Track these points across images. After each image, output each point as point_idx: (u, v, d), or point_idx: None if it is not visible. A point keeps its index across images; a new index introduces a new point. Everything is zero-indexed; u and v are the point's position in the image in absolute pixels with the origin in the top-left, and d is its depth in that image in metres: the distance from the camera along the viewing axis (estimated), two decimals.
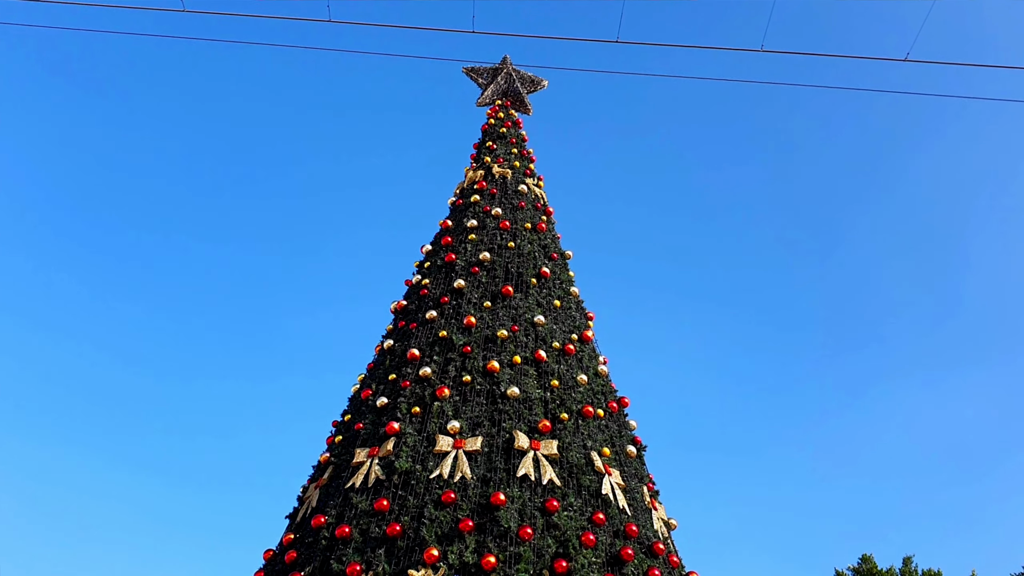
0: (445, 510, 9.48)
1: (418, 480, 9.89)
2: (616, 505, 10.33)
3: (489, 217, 14.50)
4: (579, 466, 10.43)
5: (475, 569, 8.87)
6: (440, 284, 13.33)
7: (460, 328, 12.11)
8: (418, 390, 11.24)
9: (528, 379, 11.38)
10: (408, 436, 10.51)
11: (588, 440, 10.98)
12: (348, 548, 9.37)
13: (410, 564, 8.94)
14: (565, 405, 11.24)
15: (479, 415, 10.80)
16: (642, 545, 10.15)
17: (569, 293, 13.82)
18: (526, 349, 11.89)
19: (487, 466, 10.09)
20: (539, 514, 9.58)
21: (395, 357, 12.31)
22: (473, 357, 11.58)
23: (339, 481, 10.59)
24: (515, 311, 12.49)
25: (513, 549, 9.07)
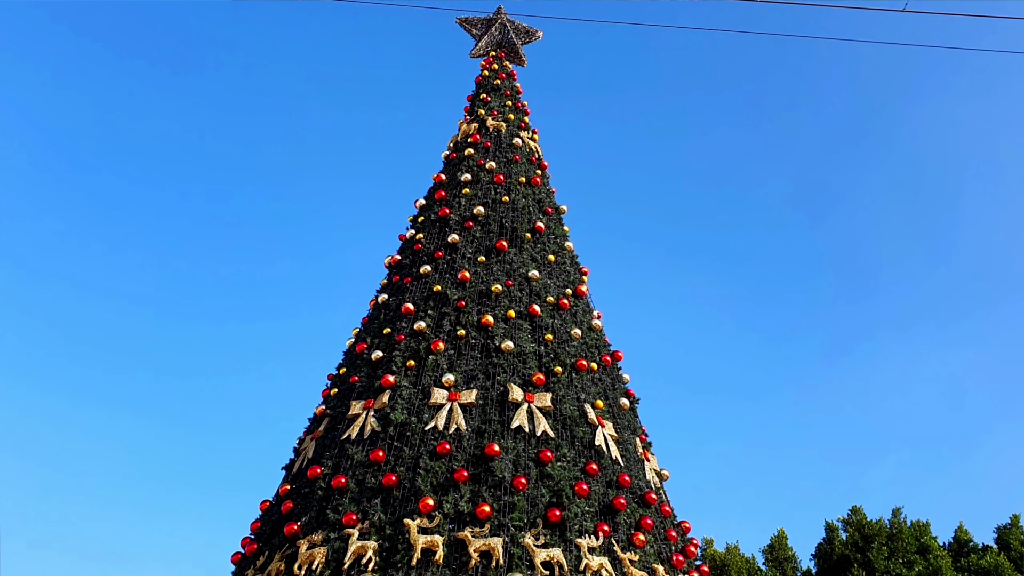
0: (440, 461, 9.60)
1: (413, 432, 9.99)
2: (609, 456, 10.47)
3: (483, 171, 14.43)
4: (573, 418, 10.55)
5: (470, 518, 9.01)
6: (434, 239, 13.32)
7: (454, 283, 12.13)
8: (413, 344, 11.30)
9: (522, 333, 11.44)
10: (403, 389, 10.59)
11: (582, 393, 11.09)
12: (344, 498, 9.50)
13: (406, 513, 9.08)
14: (559, 359, 11.32)
15: (473, 368, 10.87)
16: (634, 495, 10.31)
17: (563, 248, 13.82)
18: (520, 304, 11.93)
19: (482, 418, 10.19)
20: (533, 465, 9.71)
21: (390, 311, 12.35)
22: (467, 311, 11.62)
23: (335, 433, 10.69)
24: (509, 266, 12.50)
25: (507, 499, 9.21)
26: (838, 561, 18.90)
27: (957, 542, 19.96)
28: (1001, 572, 17.34)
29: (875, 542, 18.45)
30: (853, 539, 18.89)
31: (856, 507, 19.65)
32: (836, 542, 19.34)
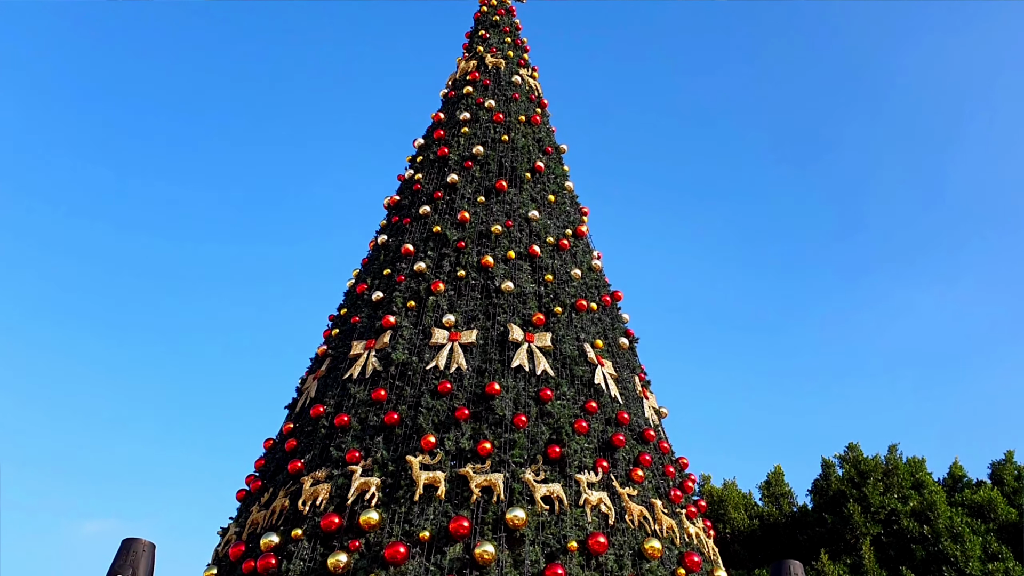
0: (441, 399, 9.70)
1: (414, 371, 10.08)
2: (608, 394, 10.58)
3: (482, 110, 14.27)
4: (572, 357, 10.62)
5: (471, 455, 9.15)
6: (433, 179, 13.24)
7: (454, 223, 12.10)
8: (413, 284, 11.32)
9: (522, 273, 11.45)
10: (404, 329, 10.65)
11: (581, 332, 11.15)
12: (347, 436, 9.64)
13: (408, 450, 9.21)
14: (559, 299, 11.35)
15: (474, 309, 10.91)
16: (633, 432, 10.45)
17: (563, 188, 13.74)
18: (520, 244, 11.91)
19: (482, 358, 10.27)
20: (533, 403, 9.82)
21: (389, 252, 12.34)
22: (467, 252, 11.61)
23: (337, 372, 10.79)
24: (509, 206, 12.45)
25: (508, 436, 9.34)
26: (834, 496, 19.22)
27: (952, 478, 20.28)
28: (994, 506, 17.65)
29: (871, 478, 18.74)
30: (849, 475, 19.18)
31: (853, 444, 19.92)
32: (832, 478, 19.66)
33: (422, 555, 8.28)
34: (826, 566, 16.94)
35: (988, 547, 16.22)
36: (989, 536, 16.59)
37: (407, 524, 8.56)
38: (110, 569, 5.50)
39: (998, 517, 17.46)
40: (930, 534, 16.71)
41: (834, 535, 18.71)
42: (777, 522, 20.78)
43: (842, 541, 18.55)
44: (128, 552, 5.58)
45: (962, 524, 16.61)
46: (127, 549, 5.60)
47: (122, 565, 5.49)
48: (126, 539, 5.69)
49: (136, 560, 5.53)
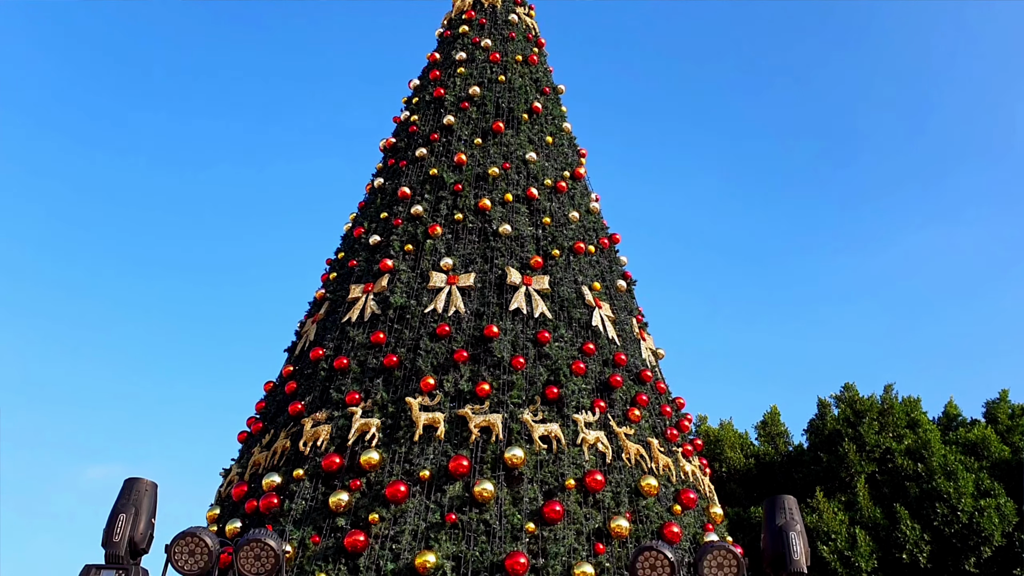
0: (440, 342, 9.76)
1: (413, 314, 10.12)
2: (606, 336, 10.64)
3: (478, 49, 14.05)
4: (570, 300, 10.66)
5: (470, 396, 9.25)
6: (429, 120, 13.10)
7: (451, 166, 12.01)
8: (410, 228, 11.29)
9: (520, 216, 11.41)
10: (402, 273, 10.66)
11: (579, 275, 11.16)
12: (347, 378, 9.72)
13: (407, 392, 9.31)
14: (556, 242, 11.33)
15: (471, 252, 10.90)
16: (630, 373, 10.54)
17: (561, 129, 13.61)
18: (518, 187, 11.85)
19: (480, 301, 10.30)
20: (531, 345, 9.88)
21: (386, 195, 12.28)
22: (464, 195, 11.55)
23: (335, 316, 10.83)
24: (506, 148, 12.34)
25: (506, 377, 9.42)
26: (829, 436, 19.47)
27: (946, 416, 20.54)
28: (987, 444, 17.91)
29: (866, 417, 18.96)
30: (845, 415, 19.40)
31: (849, 384, 20.12)
32: (828, 418, 19.89)
33: (422, 493, 8.43)
34: (821, 503, 17.25)
35: (981, 484, 16.49)
36: (982, 473, 16.86)
37: (407, 464, 8.69)
38: (113, 509, 5.60)
39: (991, 455, 17.72)
40: (924, 472, 16.98)
41: (829, 473, 19.02)
42: (773, 461, 21.10)
43: (837, 479, 18.87)
44: (131, 492, 5.67)
45: (956, 462, 16.86)
46: (129, 489, 5.70)
47: (125, 504, 5.58)
48: (128, 479, 5.78)
49: (139, 499, 5.62)
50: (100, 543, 5.52)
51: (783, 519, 5.99)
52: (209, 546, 5.47)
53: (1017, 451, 17.93)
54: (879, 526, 16.68)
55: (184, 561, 5.42)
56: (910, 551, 16.01)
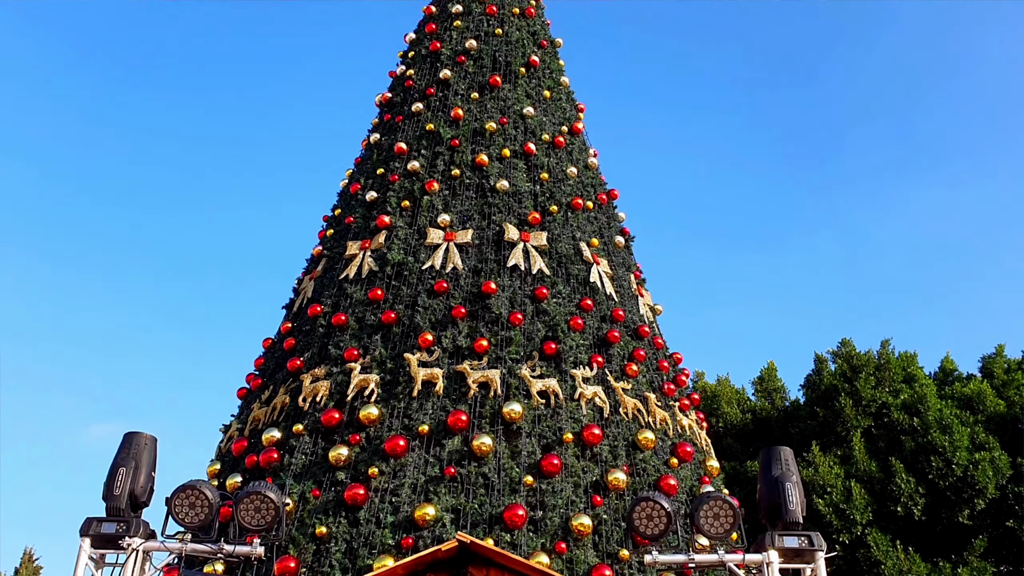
0: (438, 299, 9.76)
1: (410, 271, 10.10)
2: (603, 292, 10.64)
3: (475, 2, 13.81)
4: (568, 256, 10.63)
5: (468, 352, 9.27)
6: (425, 75, 12.93)
7: (447, 121, 11.89)
8: (407, 184, 11.21)
9: (517, 172, 11.33)
10: (399, 229, 10.61)
11: (577, 231, 11.12)
12: (345, 335, 9.73)
13: (406, 348, 9.32)
14: (554, 198, 11.27)
15: (469, 208, 10.85)
16: (628, 328, 10.55)
17: (559, 84, 13.45)
18: (515, 142, 11.74)
19: (478, 257, 10.27)
20: (529, 301, 9.88)
21: (382, 151, 12.18)
22: (461, 150, 11.45)
23: (333, 273, 10.81)
24: (503, 103, 12.21)
25: (504, 334, 9.44)
26: (826, 391, 19.56)
27: (943, 371, 20.61)
28: (983, 398, 18.00)
29: (863, 372, 19.02)
30: (841, 370, 19.46)
31: (846, 339, 20.12)
32: (825, 373, 19.96)
33: (421, 448, 8.50)
34: (817, 457, 17.40)
35: (976, 437, 16.62)
36: (977, 427, 16.98)
37: (406, 419, 8.75)
38: (113, 463, 5.63)
39: (986, 409, 17.82)
40: (920, 426, 17.09)
41: (825, 428, 19.14)
42: (769, 416, 21.22)
43: (833, 434, 19.00)
44: (130, 446, 5.70)
45: (951, 416, 16.96)
46: (129, 443, 5.73)
47: (125, 458, 5.61)
48: (128, 433, 5.81)
49: (139, 453, 5.65)
50: (101, 497, 5.57)
51: (779, 470, 6.04)
52: (209, 499, 5.52)
53: (1012, 405, 18.04)
54: (874, 479, 16.84)
55: (185, 514, 5.47)
56: (905, 504, 16.19)
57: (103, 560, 5.72)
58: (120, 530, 5.48)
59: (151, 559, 5.72)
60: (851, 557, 16.23)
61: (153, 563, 5.76)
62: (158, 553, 5.74)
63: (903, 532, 16.60)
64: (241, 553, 5.66)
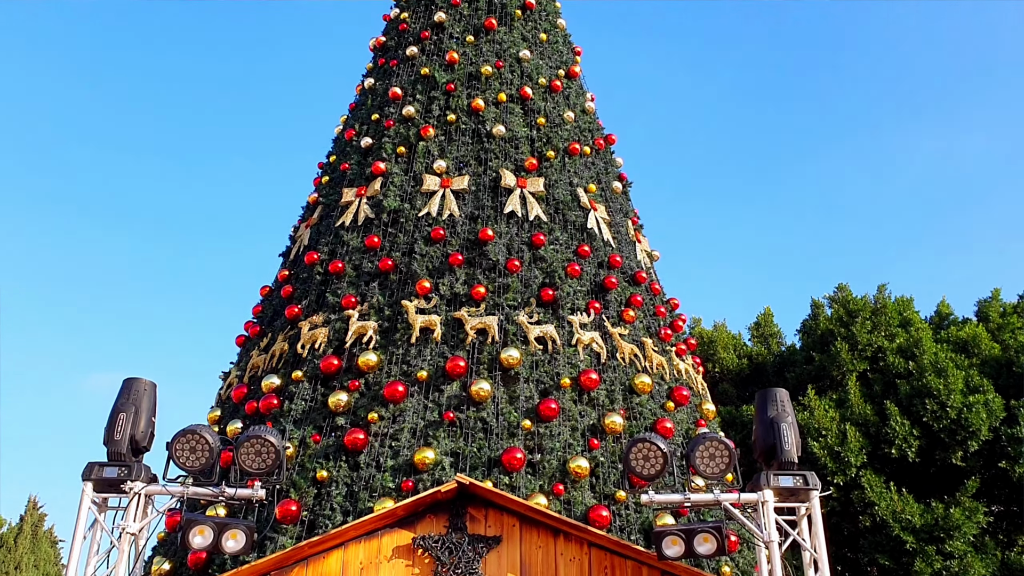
0: (435, 246, 9.73)
1: (407, 218, 10.05)
2: (601, 238, 10.61)
3: None
4: (565, 202, 10.57)
5: (466, 299, 9.28)
6: (420, 18, 12.70)
7: (442, 65, 11.71)
8: (402, 130, 11.09)
9: (514, 117, 11.21)
10: (395, 176, 10.53)
11: (574, 177, 11.04)
12: (342, 282, 9.73)
13: (403, 296, 9.33)
14: (551, 143, 11.16)
15: (465, 154, 10.75)
16: (625, 274, 10.55)
17: (555, 26, 13.22)
18: (511, 86, 11.59)
19: (474, 204, 10.21)
20: (526, 248, 9.86)
21: (377, 96, 12.02)
22: (457, 95, 11.31)
23: (329, 220, 10.76)
24: (499, 46, 12.01)
25: (502, 280, 9.43)
26: (822, 336, 19.64)
27: (939, 315, 20.67)
28: (978, 342, 18.08)
29: (859, 317, 19.07)
30: (838, 315, 19.51)
31: (842, 284, 20.12)
32: (821, 318, 20.01)
33: (420, 393, 8.55)
34: (812, 401, 17.53)
35: (970, 381, 16.73)
36: (972, 370, 17.08)
37: (405, 365, 8.79)
38: (113, 408, 5.67)
39: (981, 352, 17.92)
40: (915, 370, 17.19)
41: (821, 373, 19.26)
42: (765, 361, 21.35)
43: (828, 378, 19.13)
44: (130, 391, 5.73)
45: (946, 359, 17.05)
46: (129, 388, 5.75)
47: (125, 404, 5.64)
48: (127, 379, 5.83)
49: (138, 399, 5.68)
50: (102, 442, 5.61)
51: (775, 411, 6.09)
52: (210, 443, 5.56)
53: (1007, 348, 18.13)
54: (869, 423, 17.00)
55: (185, 458, 5.51)
56: (899, 446, 16.36)
57: (106, 504, 5.79)
58: (122, 474, 5.54)
59: (153, 503, 5.80)
60: (845, 499, 16.48)
61: (155, 506, 5.83)
62: (160, 497, 5.81)
63: (897, 474, 16.83)
64: (242, 496, 5.72)
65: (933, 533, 15.40)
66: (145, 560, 8.19)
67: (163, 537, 8.62)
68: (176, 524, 7.30)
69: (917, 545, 15.38)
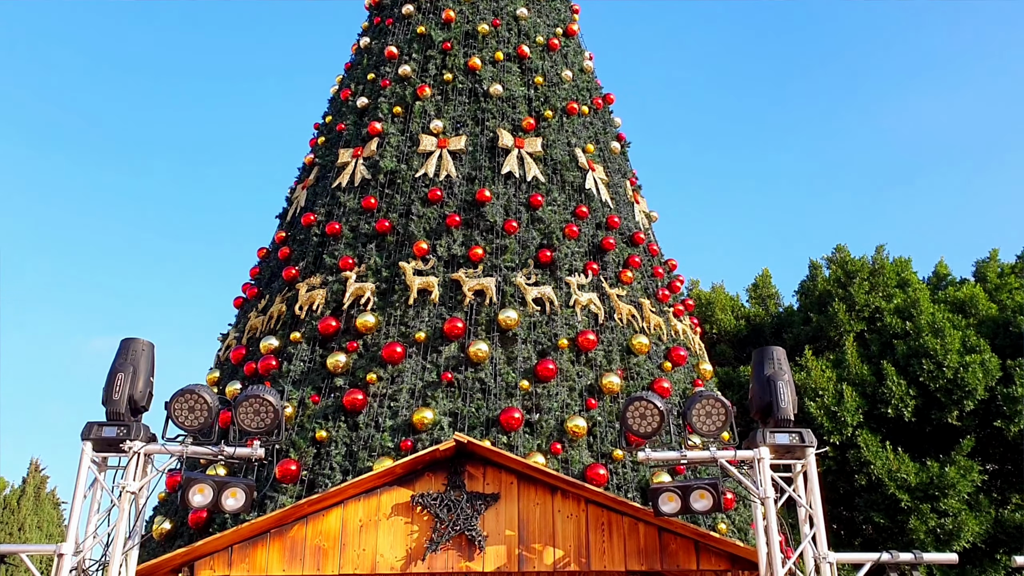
0: (432, 207, 9.68)
1: (404, 179, 9.99)
2: (599, 199, 10.56)
3: None
4: (563, 163, 10.50)
5: (463, 260, 9.26)
6: None
7: (439, 23, 11.56)
8: (398, 89, 10.98)
9: (511, 76, 11.09)
10: (391, 136, 10.45)
11: (572, 137, 10.95)
12: (339, 244, 9.70)
13: (401, 257, 9.31)
14: (549, 102, 11.06)
15: (462, 114, 10.66)
16: (623, 235, 10.52)
17: None
18: (508, 45, 11.45)
19: (472, 164, 10.15)
20: (524, 209, 9.81)
21: (372, 56, 11.88)
22: (454, 54, 11.18)
23: (325, 181, 10.69)
24: (496, 4, 11.85)
25: (499, 242, 9.41)
26: (820, 297, 19.66)
27: (936, 276, 20.67)
28: (976, 302, 18.10)
29: (857, 278, 19.08)
30: (836, 276, 19.51)
31: (840, 246, 20.09)
32: (819, 279, 20.01)
33: (418, 354, 8.57)
34: (809, 362, 17.61)
35: (967, 341, 16.78)
36: (969, 331, 17.13)
37: (403, 326, 8.80)
38: (111, 369, 5.67)
39: (979, 312, 17.95)
40: (912, 330, 17.24)
41: (818, 333, 19.32)
42: (763, 322, 21.39)
43: (826, 339, 19.19)
44: (128, 351, 5.73)
45: (943, 320, 17.09)
46: (127, 349, 5.75)
47: (123, 364, 5.65)
48: (125, 339, 5.82)
49: (136, 359, 5.69)
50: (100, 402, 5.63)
51: (771, 369, 6.11)
52: (208, 403, 5.58)
53: (1004, 308, 18.16)
54: (866, 383, 17.08)
55: (184, 417, 5.54)
56: (895, 406, 16.46)
57: (105, 463, 5.82)
58: (120, 434, 5.56)
59: (153, 462, 5.83)
60: (841, 458, 16.62)
61: (155, 466, 5.86)
62: (160, 456, 5.84)
63: (893, 433, 16.96)
64: (242, 455, 5.76)
65: (928, 492, 15.56)
66: (146, 520, 8.27)
67: (164, 497, 8.70)
68: (176, 484, 7.36)
69: (912, 503, 15.54)
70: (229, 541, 6.69)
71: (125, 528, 5.57)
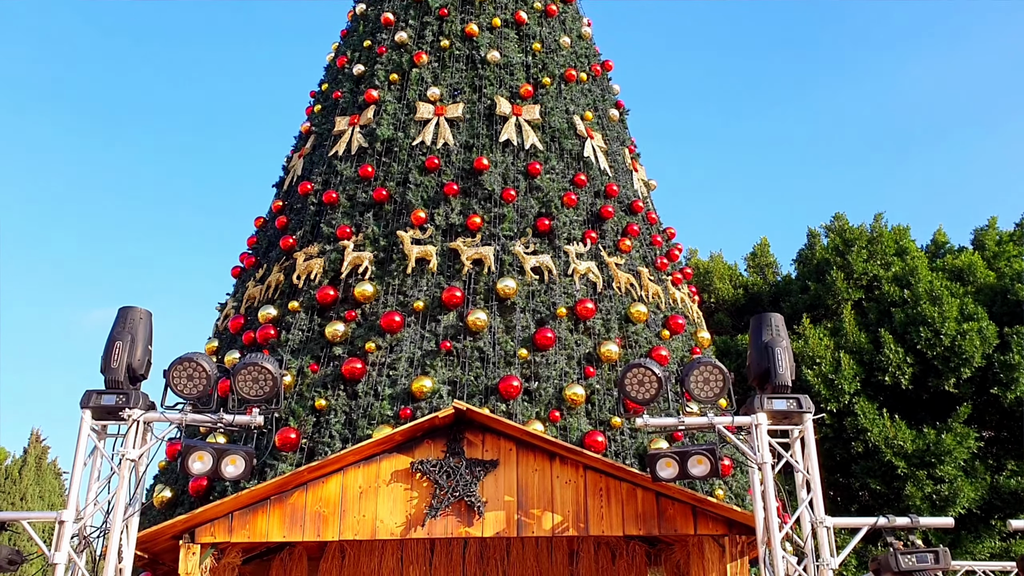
0: (429, 175, 9.63)
1: (401, 147, 9.93)
2: (597, 167, 10.50)
3: None
4: (561, 130, 10.43)
5: (461, 229, 9.23)
6: None
7: None
8: (395, 57, 10.87)
9: (509, 43, 10.98)
10: (388, 104, 10.36)
11: (570, 104, 10.87)
12: (337, 213, 9.65)
13: (399, 226, 9.27)
14: (547, 69, 10.96)
15: (459, 81, 10.56)
16: (622, 204, 10.48)
17: None
18: (506, 11, 11.31)
19: (469, 132, 10.07)
20: (522, 177, 9.76)
21: (369, 22, 11.74)
22: (450, 20, 11.05)
23: (322, 150, 10.62)
24: None
25: (497, 210, 9.37)
26: (818, 265, 19.65)
27: (935, 244, 20.64)
28: (974, 270, 18.10)
29: (855, 246, 19.06)
30: (834, 244, 19.48)
31: (839, 214, 20.03)
32: (817, 248, 19.99)
33: (417, 323, 8.57)
34: (807, 330, 17.65)
35: (964, 308, 16.80)
36: (966, 298, 17.15)
37: (401, 295, 8.79)
38: (109, 337, 5.67)
39: (977, 280, 17.95)
40: (910, 298, 17.24)
41: (816, 301, 19.33)
42: (761, 291, 21.40)
43: (824, 307, 19.21)
44: (126, 320, 5.72)
45: (941, 287, 17.09)
46: (124, 317, 5.74)
47: (121, 332, 5.64)
48: (122, 307, 5.81)
49: (134, 327, 5.68)
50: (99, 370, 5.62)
51: (769, 335, 6.11)
52: (207, 371, 5.58)
53: (1002, 276, 18.15)
54: (863, 351, 17.13)
55: (183, 385, 5.54)
56: (892, 373, 16.52)
57: (105, 431, 5.84)
58: (120, 402, 5.57)
59: (152, 430, 5.84)
60: (839, 425, 16.70)
61: (155, 434, 5.88)
62: (159, 424, 5.85)
63: (890, 401, 17.04)
64: (241, 423, 5.77)
65: (924, 458, 15.67)
66: (146, 488, 8.32)
67: (164, 466, 8.74)
68: (176, 452, 7.39)
69: (908, 470, 15.65)
70: (229, 508, 6.73)
71: (125, 495, 5.59)
